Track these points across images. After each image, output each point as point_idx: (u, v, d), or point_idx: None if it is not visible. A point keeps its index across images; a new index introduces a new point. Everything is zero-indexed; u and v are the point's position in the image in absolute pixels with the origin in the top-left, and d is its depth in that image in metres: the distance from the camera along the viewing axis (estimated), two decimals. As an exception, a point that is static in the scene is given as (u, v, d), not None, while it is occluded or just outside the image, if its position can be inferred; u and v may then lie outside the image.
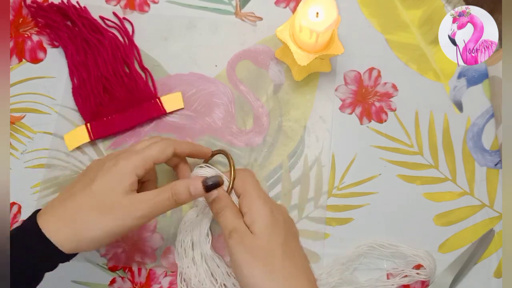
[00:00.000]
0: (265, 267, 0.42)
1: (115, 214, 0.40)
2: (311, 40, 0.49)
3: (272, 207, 0.46)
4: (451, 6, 0.61)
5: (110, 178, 0.41)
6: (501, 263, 0.52)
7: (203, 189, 0.43)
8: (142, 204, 0.41)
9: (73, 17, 0.58)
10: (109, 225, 0.40)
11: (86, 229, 0.40)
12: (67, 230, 0.39)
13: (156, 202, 0.42)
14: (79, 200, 0.40)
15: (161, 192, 0.42)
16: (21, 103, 0.57)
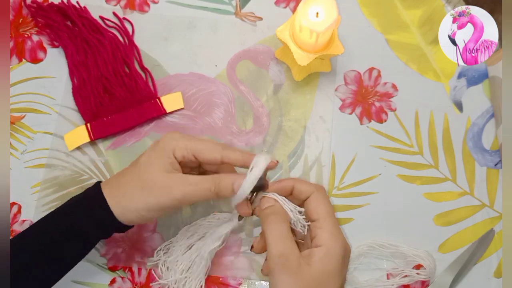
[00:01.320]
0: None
1: (153, 191, 0.41)
2: (311, 40, 0.49)
3: (346, 246, 0.42)
4: (451, 6, 0.61)
5: (151, 153, 0.43)
6: (501, 263, 0.52)
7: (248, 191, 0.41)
8: (179, 186, 0.41)
9: (73, 17, 0.58)
10: (148, 200, 0.41)
11: (130, 201, 0.42)
12: (119, 201, 0.42)
13: (196, 189, 0.41)
14: (128, 175, 0.43)
15: (203, 180, 0.41)
16: (21, 103, 0.57)
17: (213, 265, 0.51)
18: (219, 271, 0.51)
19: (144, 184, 0.42)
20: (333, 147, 0.56)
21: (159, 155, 0.42)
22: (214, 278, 0.51)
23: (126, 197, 0.42)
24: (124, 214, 0.42)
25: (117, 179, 0.44)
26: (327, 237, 0.41)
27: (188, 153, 0.43)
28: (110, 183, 0.44)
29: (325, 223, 0.41)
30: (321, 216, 0.41)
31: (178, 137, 0.43)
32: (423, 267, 0.51)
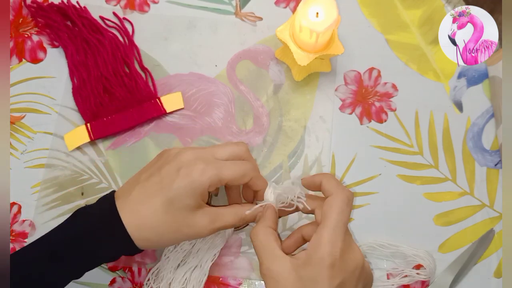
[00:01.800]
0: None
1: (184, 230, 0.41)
2: (311, 40, 0.49)
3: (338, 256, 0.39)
4: (451, 6, 0.61)
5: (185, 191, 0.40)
6: (501, 263, 0.52)
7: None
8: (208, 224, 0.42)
9: (73, 17, 0.58)
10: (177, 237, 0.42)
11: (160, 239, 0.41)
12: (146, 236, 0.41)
13: (222, 225, 0.43)
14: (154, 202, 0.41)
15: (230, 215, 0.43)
16: (21, 103, 0.57)
17: (213, 265, 0.51)
18: (219, 271, 0.51)
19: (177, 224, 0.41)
20: (333, 147, 0.56)
21: (191, 193, 0.41)
22: (214, 278, 0.51)
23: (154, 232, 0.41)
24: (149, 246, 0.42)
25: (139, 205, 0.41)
26: (315, 243, 0.39)
27: (221, 183, 0.42)
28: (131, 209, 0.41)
29: (323, 229, 0.40)
30: (323, 220, 0.40)
31: (211, 168, 0.41)
32: (423, 267, 0.51)
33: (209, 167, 0.41)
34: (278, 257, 0.40)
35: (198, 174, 0.40)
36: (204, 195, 0.41)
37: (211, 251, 0.48)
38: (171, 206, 0.40)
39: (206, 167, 0.41)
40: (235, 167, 0.42)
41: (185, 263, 0.49)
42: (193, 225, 0.41)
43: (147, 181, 0.42)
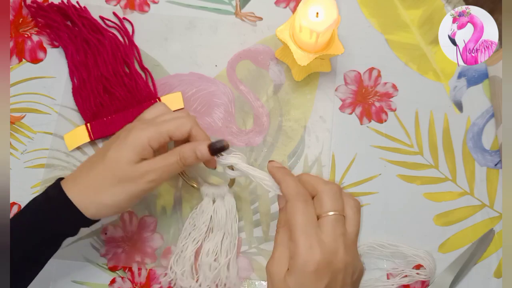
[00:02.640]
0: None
1: (127, 183, 0.42)
2: (311, 40, 0.49)
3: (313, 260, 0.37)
4: (451, 6, 0.61)
5: (123, 149, 0.43)
6: (501, 263, 0.52)
7: (208, 153, 0.44)
8: (152, 169, 0.43)
9: (73, 17, 0.58)
10: (123, 192, 0.43)
11: (103, 196, 0.42)
12: (89, 197, 0.42)
13: (165, 167, 0.43)
14: (97, 169, 0.43)
15: (169, 156, 0.44)
16: (21, 103, 0.57)
17: (213, 265, 0.51)
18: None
19: (119, 179, 0.42)
20: (333, 147, 0.56)
21: (131, 149, 0.43)
22: (214, 278, 0.51)
23: (101, 195, 0.42)
24: (99, 211, 0.43)
25: (84, 178, 0.43)
26: (293, 251, 0.37)
27: (164, 138, 0.44)
28: (76, 182, 0.43)
29: (295, 236, 0.37)
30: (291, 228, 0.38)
31: (147, 127, 0.44)
32: (423, 267, 0.51)
33: (147, 125, 0.44)
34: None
35: (136, 131, 0.43)
36: (145, 151, 0.43)
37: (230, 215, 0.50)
38: (110, 162, 0.42)
39: (144, 125, 0.44)
40: (174, 120, 0.44)
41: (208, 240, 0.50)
42: (133, 177, 0.42)
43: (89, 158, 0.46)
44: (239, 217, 0.53)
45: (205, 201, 0.50)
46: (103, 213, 0.43)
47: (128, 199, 0.43)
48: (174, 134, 0.44)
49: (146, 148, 0.43)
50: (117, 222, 0.53)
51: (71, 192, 0.42)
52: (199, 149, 0.44)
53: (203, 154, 0.44)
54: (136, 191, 0.43)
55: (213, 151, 0.44)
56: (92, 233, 0.52)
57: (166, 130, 0.44)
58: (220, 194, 0.50)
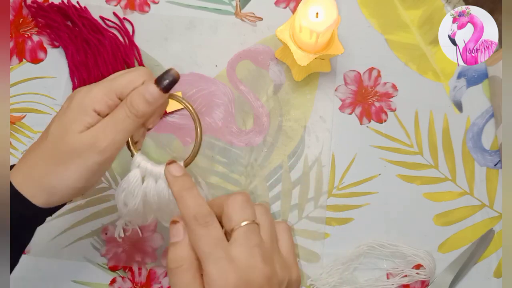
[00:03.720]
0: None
1: (76, 158, 0.35)
2: (311, 40, 0.49)
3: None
4: (451, 6, 0.61)
5: (64, 119, 0.36)
6: (501, 263, 0.52)
7: (160, 91, 0.36)
8: (100, 134, 0.35)
9: (73, 17, 0.58)
10: (73, 170, 0.36)
11: (51, 181, 0.36)
12: (35, 184, 0.36)
13: (114, 126, 0.36)
14: (39, 150, 0.36)
15: (117, 112, 0.36)
16: (21, 103, 0.57)
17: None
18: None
19: (65, 155, 0.35)
20: (333, 147, 0.56)
21: (73, 117, 0.36)
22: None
23: (49, 178, 0.35)
24: (50, 197, 0.36)
25: (28, 161, 0.36)
26: (206, 281, 0.33)
27: (112, 99, 0.36)
28: (20, 168, 0.36)
29: (204, 265, 0.33)
30: (199, 256, 0.34)
31: (91, 88, 0.36)
32: (422, 267, 0.51)
33: (92, 86, 0.37)
34: None
35: (78, 96, 0.36)
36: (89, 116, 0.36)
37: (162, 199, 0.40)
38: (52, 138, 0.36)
39: (89, 87, 0.37)
40: (124, 75, 0.37)
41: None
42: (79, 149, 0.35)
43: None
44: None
45: (132, 174, 0.40)
46: (57, 199, 0.36)
47: (81, 177, 0.36)
48: (124, 92, 0.36)
49: (90, 114, 0.36)
50: (117, 222, 0.53)
51: (16, 179, 0.36)
52: (148, 90, 0.36)
53: (154, 94, 0.36)
54: (89, 167, 0.36)
55: (164, 86, 0.36)
56: (92, 233, 0.52)
57: (112, 88, 0.36)
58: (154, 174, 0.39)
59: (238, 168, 0.55)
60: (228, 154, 0.55)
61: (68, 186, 0.36)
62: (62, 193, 0.36)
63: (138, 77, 0.37)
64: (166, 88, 0.36)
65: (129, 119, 0.36)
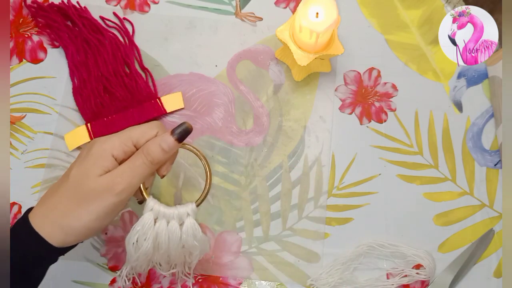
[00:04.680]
0: None
1: (95, 199, 0.39)
2: (311, 40, 0.49)
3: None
4: (451, 6, 0.61)
5: (85, 164, 0.40)
6: (501, 263, 0.52)
7: (175, 141, 0.41)
8: (118, 178, 0.39)
9: (73, 17, 0.58)
10: (91, 211, 0.39)
11: (70, 221, 0.39)
12: (53, 224, 0.39)
13: (132, 172, 0.40)
14: (59, 192, 0.39)
15: (134, 159, 0.40)
16: (21, 103, 0.57)
17: (213, 265, 0.51)
18: (219, 271, 0.51)
19: (84, 196, 0.39)
20: (333, 147, 0.56)
21: (92, 162, 0.40)
22: (214, 278, 0.51)
23: (67, 218, 0.39)
24: (67, 237, 0.39)
25: (48, 202, 0.40)
26: None
27: (128, 146, 0.41)
28: (40, 209, 0.39)
29: None
30: None
31: (110, 137, 0.41)
32: (422, 266, 0.51)
33: (111, 135, 0.41)
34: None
35: (98, 143, 0.40)
36: (108, 161, 0.40)
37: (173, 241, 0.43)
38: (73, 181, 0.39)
39: (108, 136, 0.41)
40: (139, 127, 0.42)
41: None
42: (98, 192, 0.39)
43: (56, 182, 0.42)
44: (239, 217, 0.53)
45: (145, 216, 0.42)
46: (73, 239, 0.39)
47: (98, 218, 0.39)
48: (139, 140, 0.41)
49: (108, 159, 0.40)
50: (118, 222, 0.53)
51: (34, 219, 0.39)
52: (164, 140, 0.40)
53: (169, 144, 0.41)
54: (106, 208, 0.39)
55: (178, 137, 0.41)
56: (92, 233, 0.52)
57: (129, 137, 0.41)
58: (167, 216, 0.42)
59: (238, 168, 0.55)
60: (228, 154, 0.55)
61: (85, 226, 0.39)
62: (79, 232, 0.39)
63: (152, 128, 0.42)
64: (180, 139, 0.41)
65: (145, 165, 0.40)
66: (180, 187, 0.54)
